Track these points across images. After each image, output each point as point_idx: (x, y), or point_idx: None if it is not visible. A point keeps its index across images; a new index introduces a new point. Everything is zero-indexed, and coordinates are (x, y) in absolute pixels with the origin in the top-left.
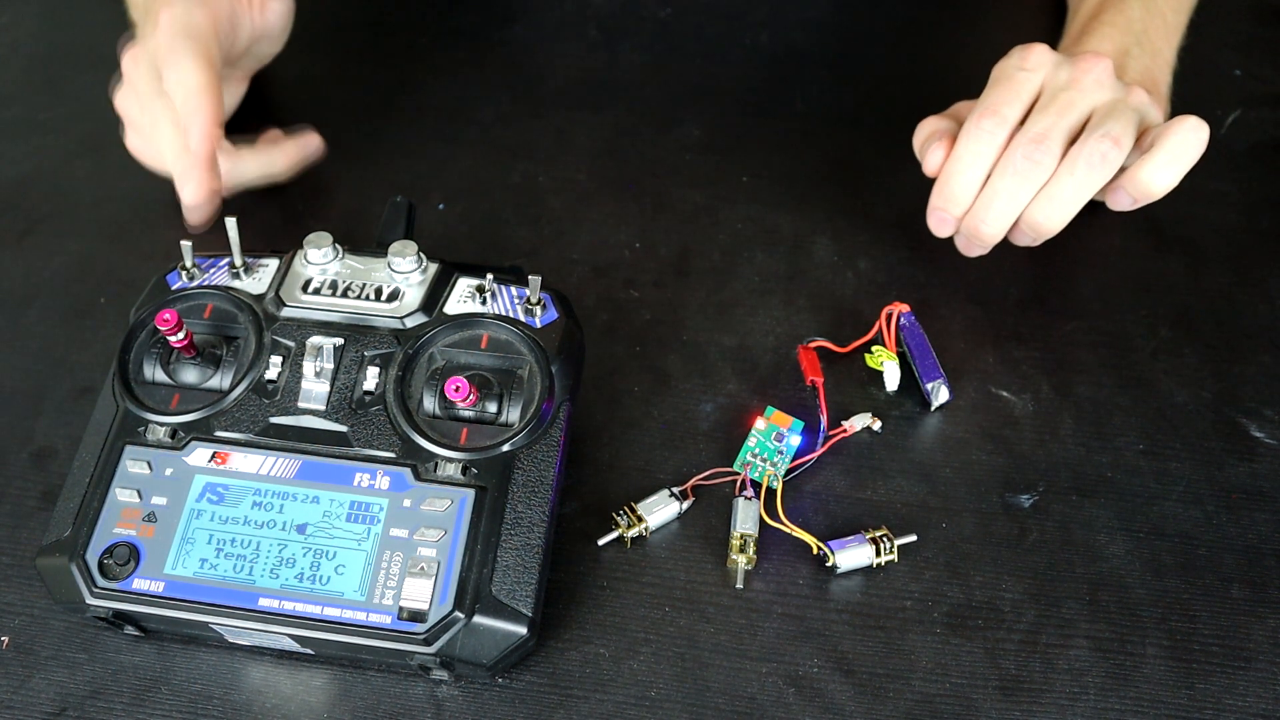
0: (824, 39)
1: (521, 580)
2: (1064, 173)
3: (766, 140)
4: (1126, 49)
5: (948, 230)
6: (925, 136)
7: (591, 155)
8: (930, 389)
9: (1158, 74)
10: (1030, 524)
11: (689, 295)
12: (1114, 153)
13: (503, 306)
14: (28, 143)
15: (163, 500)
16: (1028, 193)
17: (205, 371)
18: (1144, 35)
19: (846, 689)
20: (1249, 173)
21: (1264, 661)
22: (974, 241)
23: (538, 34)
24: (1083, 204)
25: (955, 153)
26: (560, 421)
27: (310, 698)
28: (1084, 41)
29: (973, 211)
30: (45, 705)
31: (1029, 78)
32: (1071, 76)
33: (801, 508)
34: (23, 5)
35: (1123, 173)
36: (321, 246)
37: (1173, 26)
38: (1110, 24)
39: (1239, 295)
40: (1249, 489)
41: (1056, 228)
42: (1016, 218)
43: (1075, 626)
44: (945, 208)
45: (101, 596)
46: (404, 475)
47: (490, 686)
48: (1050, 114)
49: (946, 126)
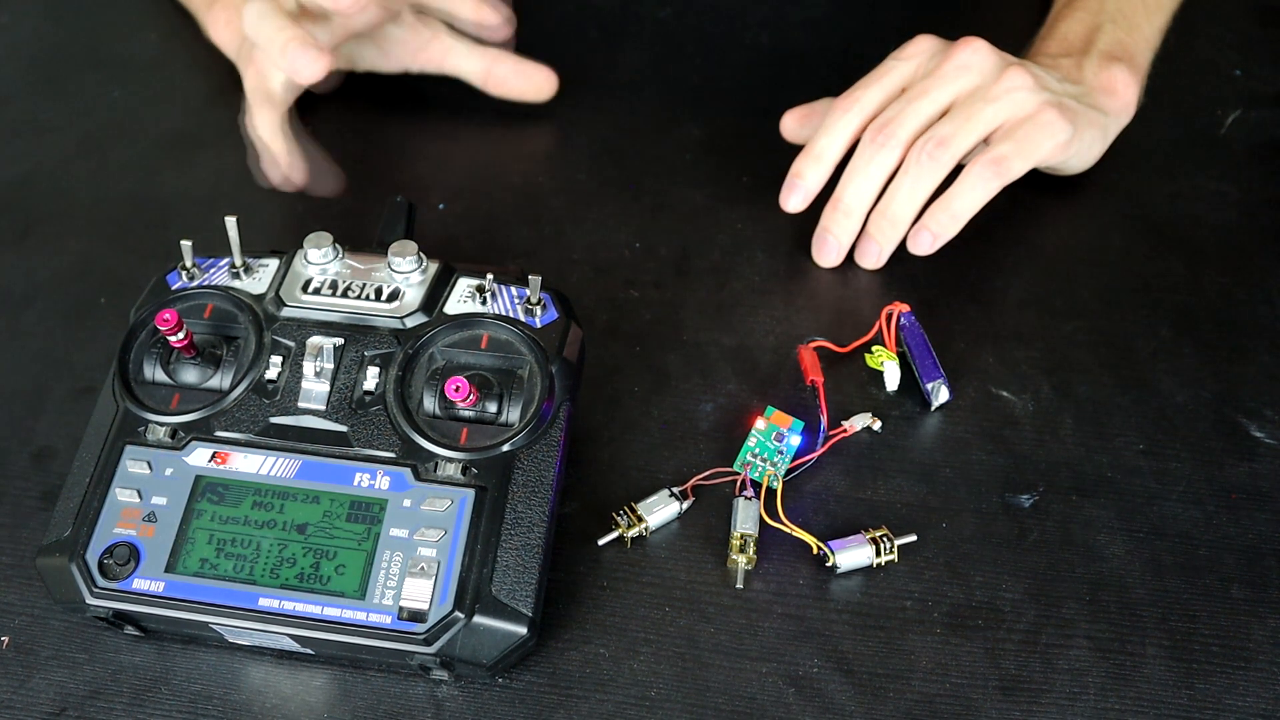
0: (824, 39)
1: (521, 580)
2: (903, 166)
3: (766, 140)
4: (1098, 25)
5: (798, 201)
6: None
7: (591, 155)
8: (930, 389)
9: (1133, 46)
10: (1030, 524)
11: (689, 295)
12: (940, 152)
13: (503, 306)
14: (28, 143)
15: (163, 500)
16: (875, 178)
17: (205, 371)
18: (1118, 13)
19: (846, 689)
20: (1249, 173)
21: (1264, 661)
22: (836, 233)
23: (538, 34)
24: (923, 199)
25: (812, 138)
26: (560, 421)
27: (310, 698)
28: (1055, 27)
29: (832, 198)
30: (45, 705)
31: (899, 66)
32: (937, 64)
33: (801, 508)
34: (23, 5)
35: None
36: (321, 246)
37: (1154, 6)
38: (1082, 7)
39: (1239, 295)
40: (1249, 489)
41: (904, 220)
42: (871, 205)
43: (1075, 626)
44: (794, 182)
45: (101, 596)
46: (404, 475)
47: (490, 686)
48: (901, 102)
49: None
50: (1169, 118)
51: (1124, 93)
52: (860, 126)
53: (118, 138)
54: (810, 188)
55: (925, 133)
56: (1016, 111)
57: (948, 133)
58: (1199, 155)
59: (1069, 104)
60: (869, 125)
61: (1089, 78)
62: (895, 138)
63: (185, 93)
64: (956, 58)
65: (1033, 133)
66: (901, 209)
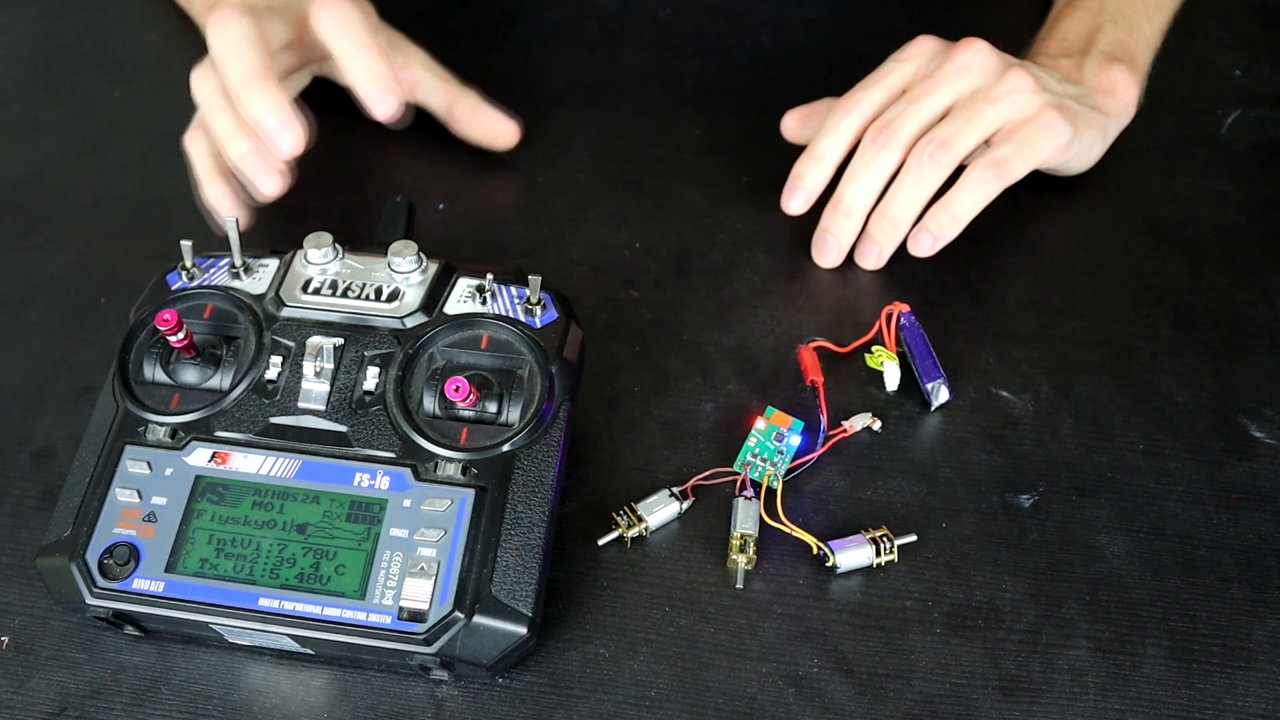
0: (824, 39)
1: (521, 580)
2: (904, 167)
3: (766, 140)
4: (1098, 26)
5: (800, 204)
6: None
7: (591, 155)
8: (930, 389)
9: (1133, 46)
10: (1030, 524)
11: (689, 295)
12: (941, 154)
13: (503, 306)
14: (28, 143)
15: (163, 500)
16: (876, 179)
17: (205, 371)
18: (1118, 14)
19: (846, 689)
20: (1249, 173)
21: (1264, 661)
22: (837, 234)
23: (538, 34)
24: (924, 200)
25: (813, 140)
26: (560, 421)
27: (310, 698)
28: (1056, 27)
29: (832, 199)
30: (45, 705)
31: (900, 68)
32: (938, 65)
33: (801, 508)
34: (23, 5)
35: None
36: (321, 246)
37: (1154, 6)
38: (1082, 7)
39: (1239, 295)
40: (1249, 489)
41: (905, 221)
42: (871, 206)
43: (1075, 626)
44: (795, 184)
45: (101, 596)
46: (404, 475)
47: (490, 686)
48: (902, 103)
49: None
50: (1169, 118)
51: (1124, 93)
52: (861, 128)
53: (118, 138)
54: (812, 190)
55: (926, 134)
56: (1017, 113)
57: (949, 134)
58: (1199, 155)
59: (1070, 105)
60: (870, 126)
61: (1089, 78)
62: (896, 138)
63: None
64: (957, 59)
65: (1033, 134)
66: (902, 210)
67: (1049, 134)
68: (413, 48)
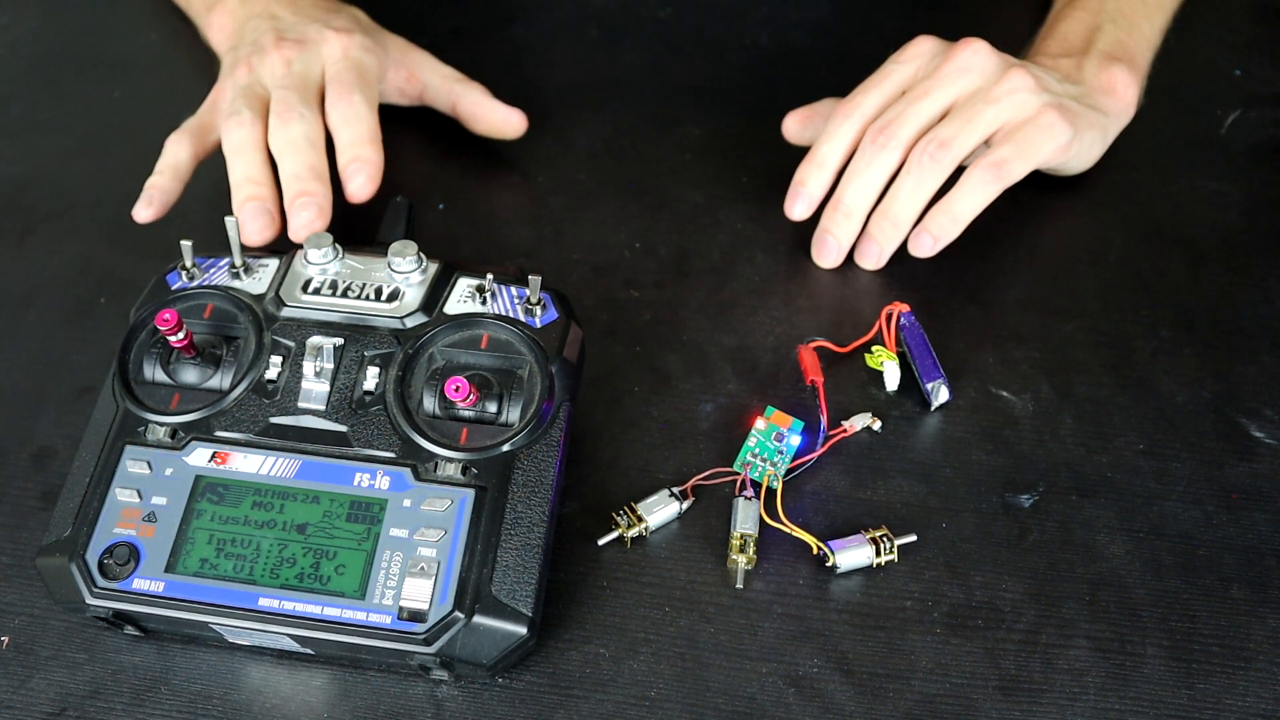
0: (824, 39)
1: (521, 580)
2: (904, 168)
3: (766, 140)
4: (1098, 26)
5: (803, 209)
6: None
7: (591, 155)
8: (930, 389)
9: (1133, 46)
10: (1030, 524)
11: (689, 295)
12: (942, 154)
13: (503, 306)
14: (28, 143)
15: (163, 500)
16: (876, 179)
17: (205, 371)
18: (1118, 14)
19: (846, 689)
20: (1249, 173)
21: (1264, 661)
22: (837, 234)
23: (538, 34)
24: (924, 200)
25: (814, 145)
26: (560, 421)
27: (310, 698)
28: (1055, 27)
29: (833, 199)
30: (45, 705)
31: (899, 69)
32: (938, 65)
33: (801, 508)
34: (23, 5)
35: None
36: (321, 246)
37: (1154, 6)
38: (1082, 7)
39: (1239, 295)
40: (1249, 489)
41: (905, 221)
42: (871, 206)
43: (1075, 626)
44: (798, 190)
45: (101, 596)
46: (404, 475)
47: (490, 686)
48: (901, 104)
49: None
50: (1169, 118)
51: (1124, 93)
52: (861, 130)
53: (118, 138)
54: (814, 194)
55: (926, 134)
56: (1017, 113)
57: (949, 134)
58: (1199, 155)
59: (1069, 105)
60: (870, 127)
61: (1089, 78)
62: (896, 139)
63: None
64: (957, 59)
65: (1033, 135)
66: (903, 210)
67: (1049, 134)
68: (417, 51)
